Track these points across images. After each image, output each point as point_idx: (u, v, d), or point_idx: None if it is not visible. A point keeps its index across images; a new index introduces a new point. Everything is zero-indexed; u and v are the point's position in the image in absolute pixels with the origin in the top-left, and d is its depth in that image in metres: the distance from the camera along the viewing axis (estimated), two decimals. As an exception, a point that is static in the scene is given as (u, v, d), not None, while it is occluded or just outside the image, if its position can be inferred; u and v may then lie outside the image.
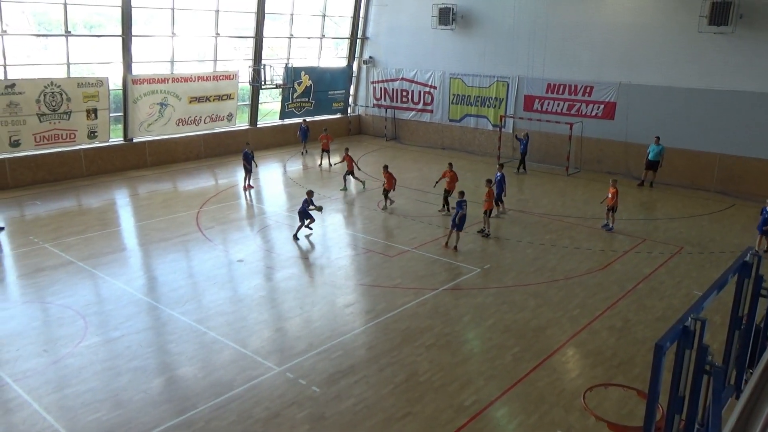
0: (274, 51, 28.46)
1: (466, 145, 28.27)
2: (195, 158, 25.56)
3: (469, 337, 11.12)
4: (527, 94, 25.87)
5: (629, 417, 8.52)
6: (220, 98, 25.97)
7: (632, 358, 10.27)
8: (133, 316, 11.54)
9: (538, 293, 12.90)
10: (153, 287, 13.03)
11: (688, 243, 16.12)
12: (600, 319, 11.73)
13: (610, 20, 23.20)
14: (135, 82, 23.11)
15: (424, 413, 8.70)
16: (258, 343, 10.68)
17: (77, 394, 9.05)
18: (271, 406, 8.81)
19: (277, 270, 14.01)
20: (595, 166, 24.35)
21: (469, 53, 27.38)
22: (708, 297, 4.26)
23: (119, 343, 10.54)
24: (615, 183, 17.07)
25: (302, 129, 27.24)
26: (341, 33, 30.74)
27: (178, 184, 22.02)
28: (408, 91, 30.02)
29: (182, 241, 15.80)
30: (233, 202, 19.66)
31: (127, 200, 20.10)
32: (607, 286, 13.27)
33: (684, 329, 3.79)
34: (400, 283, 13.27)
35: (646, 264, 14.63)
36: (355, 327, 11.33)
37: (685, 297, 12.70)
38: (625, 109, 23.30)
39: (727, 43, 20.62)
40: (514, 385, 9.45)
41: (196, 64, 26.58)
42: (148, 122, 23.92)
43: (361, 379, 9.52)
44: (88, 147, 22.37)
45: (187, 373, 9.72)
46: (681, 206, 19.79)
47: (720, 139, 21.30)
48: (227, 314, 11.71)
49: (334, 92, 30.96)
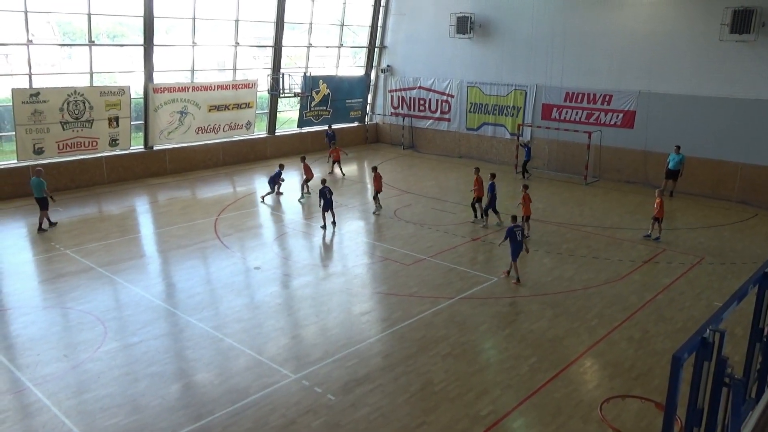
0: (292, 60, 28.71)
1: (484, 154, 28.21)
2: (214, 166, 25.81)
3: (485, 347, 11.05)
4: (545, 102, 25.77)
5: (648, 429, 8.40)
6: (239, 107, 26.23)
7: (651, 369, 10.13)
8: (151, 322, 11.66)
9: (555, 303, 12.79)
10: (171, 293, 13.15)
11: (709, 253, 15.90)
12: (618, 329, 11.60)
13: (629, 28, 23.06)
14: (156, 91, 23.44)
15: (440, 423, 8.65)
16: (274, 350, 10.71)
17: (96, 398, 9.15)
18: (287, 414, 8.82)
19: (294, 277, 14.07)
20: (614, 175, 24.14)
21: (486, 62, 27.37)
22: (727, 308, 4.20)
23: (137, 349, 10.65)
24: (661, 193, 16.78)
25: (328, 135, 27.53)
26: (359, 42, 30.92)
27: (197, 191, 22.24)
28: (425, 99, 30.07)
29: (200, 248, 15.94)
30: (251, 210, 19.81)
31: (146, 207, 20.34)
32: (626, 297, 13.12)
33: (702, 341, 3.74)
34: (416, 292, 13.25)
35: (666, 274, 14.44)
36: (371, 335, 11.32)
37: (705, 308, 12.51)
38: (645, 117, 23.09)
39: (749, 51, 20.38)
40: (531, 395, 9.37)
41: (216, 73, 26.92)
42: (169, 130, 24.23)
43: (377, 388, 9.51)
44: (109, 154, 22.71)
45: (203, 379, 9.78)
46: (702, 216, 19.53)
47: (742, 148, 21.01)
48: (244, 321, 11.78)
49: (352, 101, 31.11)
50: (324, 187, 17.50)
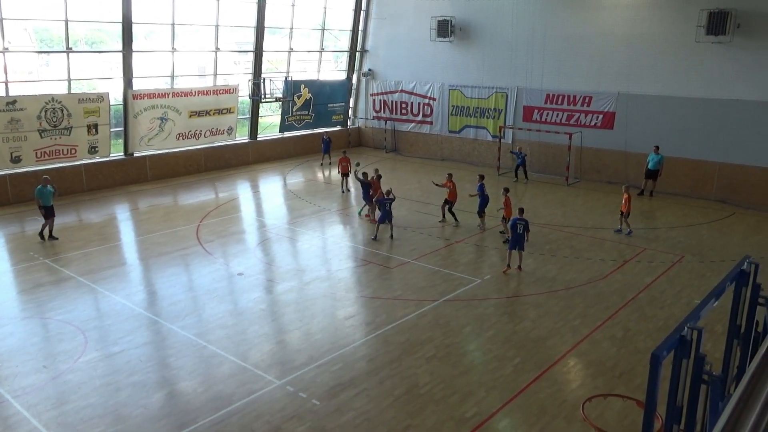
0: (273, 65, 28.62)
1: (466, 156, 28.33)
2: (195, 172, 25.62)
3: (469, 349, 11.08)
4: (526, 104, 25.96)
5: (631, 427, 8.47)
6: (220, 112, 26.09)
7: (633, 368, 10.22)
8: (133, 331, 11.52)
9: (538, 303, 12.86)
10: (153, 301, 13.02)
11: (688, 252, 16.10)
12: (601, 329, 11.69)
13: (607, 31, 23.32)
14: (135, 97, 23.23)
15: (425, 426, 8.65)
16: (258, 356, 10.65)
17: (77, 409, 9.02)
18: (271, 420, 8.77)
19: (278, 283, 14.00)
20: (594, 175, 24.37)
21: (467, 65, 27.52)
22: (705, 306, 4.25)
23: (119, 358, 10.51)
24: (628, 189, 17.38)
25: (324, 141, 27.51)
26: (340, 46, 30.92)
27: (179, 197, 22.06)
28: (407, 102, 30.15)
29: (182, 254, 15.81)
30: (233, 216, 19.69)
31: (127, 214, 20.13)
32: (608, 296, 13.24)
33: (681, 339, 3.78)
34: (400, 295, 13.25)
35: (647, 273, 14.60)
36: (356, 339, 11.30)
37: (686, 306, 12.66)
38: (625, 118, 23.36)
39: (725, 52, 20.71)
40: (516, 396, 9.41)
41: (197, 79, 26.76)
42: (149, 137, 24.02)
43: (362, 392, 9.48)
44: (88, 162, 22.44)
45: (187, 387, 9.69)
46: (681, 215, 19.78)
47: (719, 148, 21.33)
48: (227, 328, 11.69)
49: (334, 105, 31.09)
50: (386, 198, 17.01)
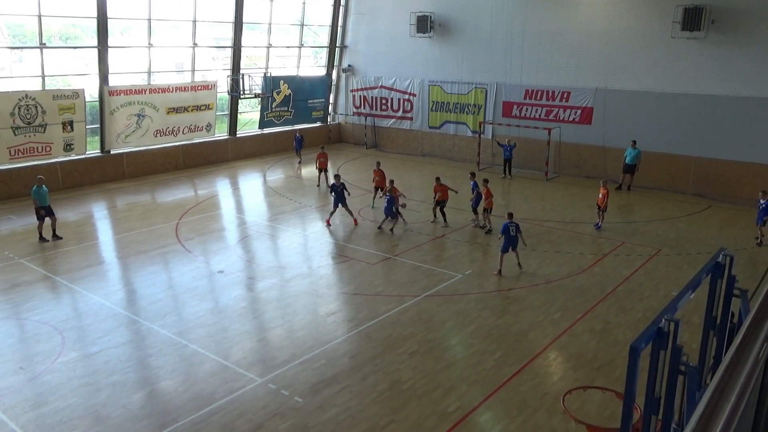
0: (252, 60, 28.41)
1: (446, 152, 28.41)
2: (174, 169, 25.35)
3: (451, 343, 11.13)
4: (506, 100, 26.10)
5: (611, 418, 8.58)
6: (199, 108, 25.83)
7: (613, 360, 10.35)
8: (112, 331, 11.38)
9: (519, 298, 12.96)
10: (132, 300, 12.87)
11: (665, 245, 16.33)
12: (581, 322, 11.82)
13: (585, 27, 23.52)
14: (112, 94, 22.90)
15: (408, 421, 8.68)
16: (240, 354, 10.59)
17: (55, 411, 8.89)
18: (254, 418, 8.73)
19: (259, 280, 13.92)
20: (573, 170, 24.60)
21: (447, 60, 27.57)
22: (681, 298, 4.32)
23: (98, 358, 10.38)
24: (605, 183, 17.57)
25: (297, 139, 27.11)
26: (320, 42, 30.78)
27: (157, 195, 21.82)
28: (387, 98, 30.12)
29: (161, 253, 15.64)
30: (213, 213, 19.53)
31: (104, 213, 19.86)
32: (588, 289, 13.39)
33: (658, 330, 3.84)
34: (382, 291, 13.26)
35: (625, 266, 14.79)
36: (338, 336, 11.29)
37: (663, 298, 12.84)
38: (602, 114, 23.60)
39: (700, 47, 21.01)
40: (497, 389, 9.47)
41: (174, 75, 26.46)
42: (126, 134, 23.71)
43: (344, 389, 9.48)
44: (64, 160, 22.08)
45: (167, 386, 9.60)
46: (659, 209, 20.05)
47: (695, 142, 21.66)
48: (208, 326, 11.60)
49: (314, 101, 30.95)
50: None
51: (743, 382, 1.57)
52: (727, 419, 1.43)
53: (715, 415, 1.41)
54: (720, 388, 1.51)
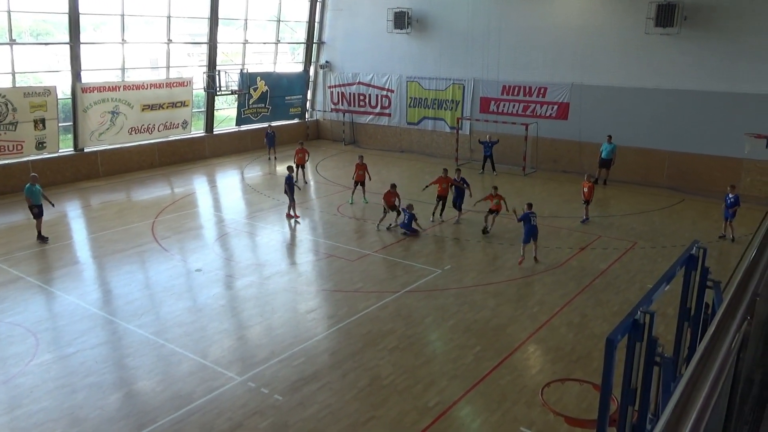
0: (228, 57, 28.13)
1: (424, 148, 28.46)
2: (149, 167, 25.02)
3: (431, 339, 11.17)
4: (483, 96, 26.21)
5: (588, 410, 8.68)
6: (174, 105, 25.51)
7: (590, 352, 10.48)
8: (88, 331, 11.21)
9: (498, 292, 13.05)
10: (108, 300, 12.69)
11: (641, 238, 16.57)
12: (558, 315, 11.94)
13: (561, 23, 23.71)
14: (85, 91, 22.51)
15: (389, 416, 8.69)
16: (218, 353, 10.50)
17: (29, 414, 8.73)
18: (233, 417, 8.67)
19: (237, 278, 13.82)
20: (551, 165, 24.81)
21: (425, 56, 27.59)
22: (657, 290, 4.38)
23: (73, 360, 10.22)
24: (589, 178, 18.02)
25: (268, 134, 26.80)
26: (297, 38, 30.59)
27: (133, 193, 21.53)
28: (365, 95, 30.06)
29: (137, 252, 15.44)
30: (190, 211, 19.32)
31: (79, 212, 19.54)
32: (565, 283, 13.53)
33: (634, 323, 3.89)
34: (361, 287, 13.25)
35: (602, 260, 14.97)
36: (318, 333, 11.26)
37: (639, 290, 13.03)
38: (578, 109, 23.83)
39: (674, 43, 21.31)
40: (477, 383, 9.53)
41: (149, 71, 26.08)
42: (100, 131, 23.33)
43: (325, 386, 9.46)
44: (36, 158, 21.64)
45: (145, 387, 9.49)
46: (634, 202, 20.33)
47: (669, 137, 21.99)
48: (186, 325, 11.49)
49: (291, 97, 30.76)
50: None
51: (716, 373, 1.60)
52: (701, 409, 1.45)
53: (690, 405, 1.43)
54: (694, 379, 1.52)
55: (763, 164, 20.30)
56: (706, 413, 1.45)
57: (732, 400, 2.17)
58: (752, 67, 20.07)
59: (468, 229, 17.27)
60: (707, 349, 1.68)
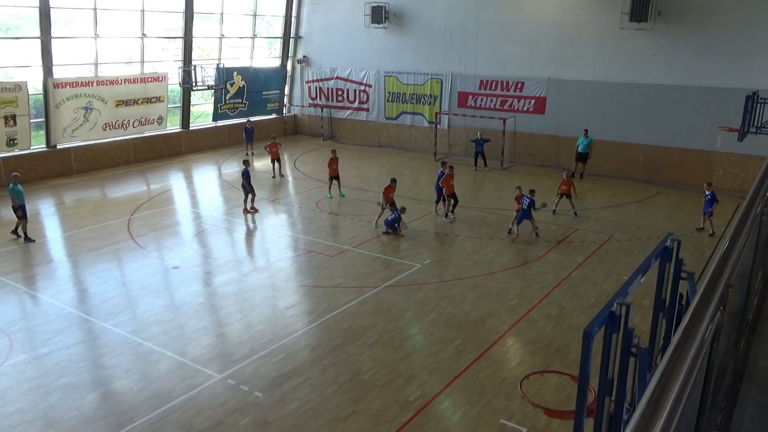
0: (204, 51, 27.80)
1: (403, 143, 28.47)
2: (124, 164, 24.66)
3: (411, 333, 11.20)
4: (461, 90, 26.28)
5: (566, 401, 8.79)
6: (149, 101, 25.16)
7: (568, 344, 10.60)
8: (63, 331, 11.03)
9: (477, 286, 13.13)
10: (83, 299, 12.50)
11: (617, 230, 16.79)
12: (537, 308, 12.06)
13: (537, 18, 23.85)
14: (57, 86, 22.08)
15: (369, 411, 8.71)
16: (197, 350, 10.41)
17: (3, 416, 8.57)
18: (213, 415, 8.61)
19: (215, 275, 13.70)
20: (528, 159, 24.99)
21: (402, 51, 27.57)
22: (632, 282, 4.43)
23: (48, 360, 10.05)
24: (568, 175, 18.37)
25: (247, 130, 26.59)
26: (274, 32, 30.35)
27: (107, 191, 21.20)
28: (343, 89, 29.96)
29: (113, 249, 15.22)
30: (167, 208, 19.10)
31: (52, 210, 19.19)
32: (543, 276, 13.66)
33: (610, 314, 3.93)
34: (341, 283, 13.23)
35: (579, 252, 15.14)
36: (297, 329, 11.22)
37: (615, 282, 13.21)
38: (555, 103, 24.02)
39: (648, 38, 21.58)
40: (457, 377, 9.59)
41: (123, 66, 25.67)
42: (73, 127, 22.91)
43: (305, 381, 9.44)
44: (7, 155, 21.19)
45: (122, 386, 9.38)
46: (610, 196, 20.58)
47: (644, 130, 22.29)
48: (164, 323, 11.36)
49: (269, 92, 30.53)
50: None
51: (690, 363, 1.62)
52: (676, 398, 1.47)
53: (665, 395, 1.45)
54: (668, 370, 1.55)
55: (735, 157, 20.68)
56: (680, 402, 1.47)
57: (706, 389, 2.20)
58: (723, 61, 20.41)
59: (447, 224, 17.33)
60: (681, 339, 1.70)
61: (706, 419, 2.33)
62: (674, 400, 1.44)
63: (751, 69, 19.77)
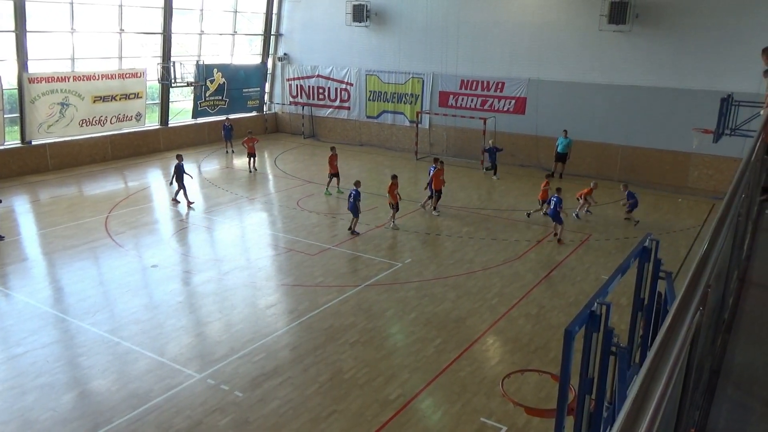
0: (184, 48, 27.49)
1: (384, 142, 28.47)
2: (102, 160, 24.30)
3: (392, 332, 11.22)
4: (442, 90, 26.36)
5: (547, 400, 8.88)
6: (127, 97, 24.82)
7: (547, 343, 10.70)
8: (38, 330, 10.84)
9: (457, 285, 13.19)
10: (59, 298, 12.30)
11: (595, 231, 16.98)
12: (517, 307, 12.15)
13: (517, 19, 24.01)
14: (32, 81, 21.67)
15: (350, 410, 8.70)
16: (176, 350, 10.31)
17: (-24, 417, 8.41)
18: (192, 415, 8.53)
19: (195, 274, 13.58)
20: (508, 159, 25.11)
21: (384, 50, 27.56)
22: (612, 282, 4.50)
23: (23, 360, 9.88)
24: (548, 176, 18.99)
25: (225, 127, 26.31)
26: (254, 29, 30.13)
27: (84, 188, 20.88)
28: (324, 88, 29.86)
29: (90, 248, 15.00)
30: (145, 206, 18.87)
31: (27, 207, 18.84)
32: (523, 275, 13.77)
33: (591, 314, 3.98)
34: (322, 282, 13.20)
35: (558, 252, 15.29)
36: (278, 328, 11.17)
37: (594, 281, 13.37)
38: (535, 103, 24.22)
39: (626, 40, 21.85)
40: (438, 376, 9.63)
41: (100, 62, 25.27)
42: (48, 123, 22.52)
43: (285, 381, 9.40)
44: (-20, 151, 20.79)
45: (100, 386, 9.25)
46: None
47: (622, 131, 22.57)
48: (142, 322, 11.23)
49: (249, 90, 30.31)
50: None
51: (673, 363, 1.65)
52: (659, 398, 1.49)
53: (649, 396, 1.47)
54: (652, 371, 1.57)
55: (710, 158, 21.04)
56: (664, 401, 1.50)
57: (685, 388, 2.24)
58: (699, 63, 20.76)
59: (427, 223, 17.39)
60: (665, 339, 1.73)
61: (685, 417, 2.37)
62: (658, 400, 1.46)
63: (726, 72, 20.11)
